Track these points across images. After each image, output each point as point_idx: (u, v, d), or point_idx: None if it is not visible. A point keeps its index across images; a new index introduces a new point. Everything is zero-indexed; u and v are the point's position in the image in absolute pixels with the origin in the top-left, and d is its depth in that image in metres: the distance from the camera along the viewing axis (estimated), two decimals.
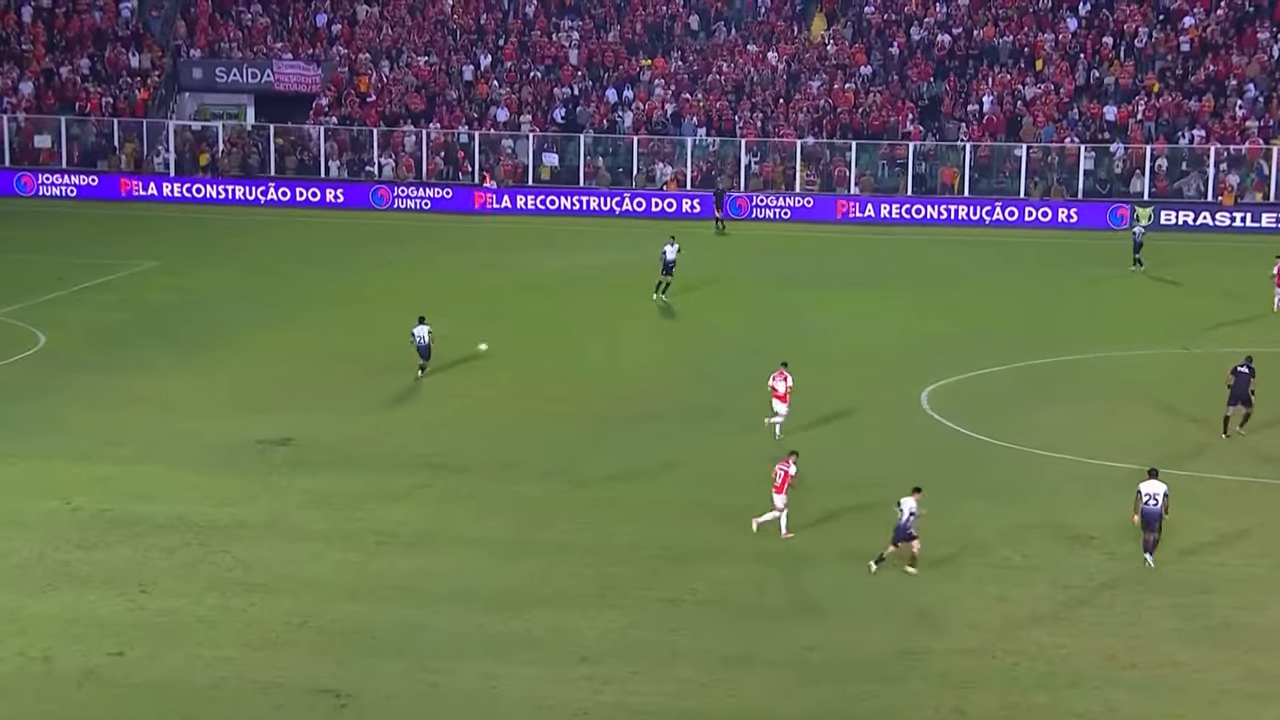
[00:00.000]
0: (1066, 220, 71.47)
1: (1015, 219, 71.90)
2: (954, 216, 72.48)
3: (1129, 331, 49.13)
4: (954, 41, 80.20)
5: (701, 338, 48.58)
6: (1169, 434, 37.66)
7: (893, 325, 50.67)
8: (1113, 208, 71.20)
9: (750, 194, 74.64)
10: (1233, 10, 77.79)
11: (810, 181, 76.37)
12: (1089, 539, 30.32)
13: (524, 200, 75.96)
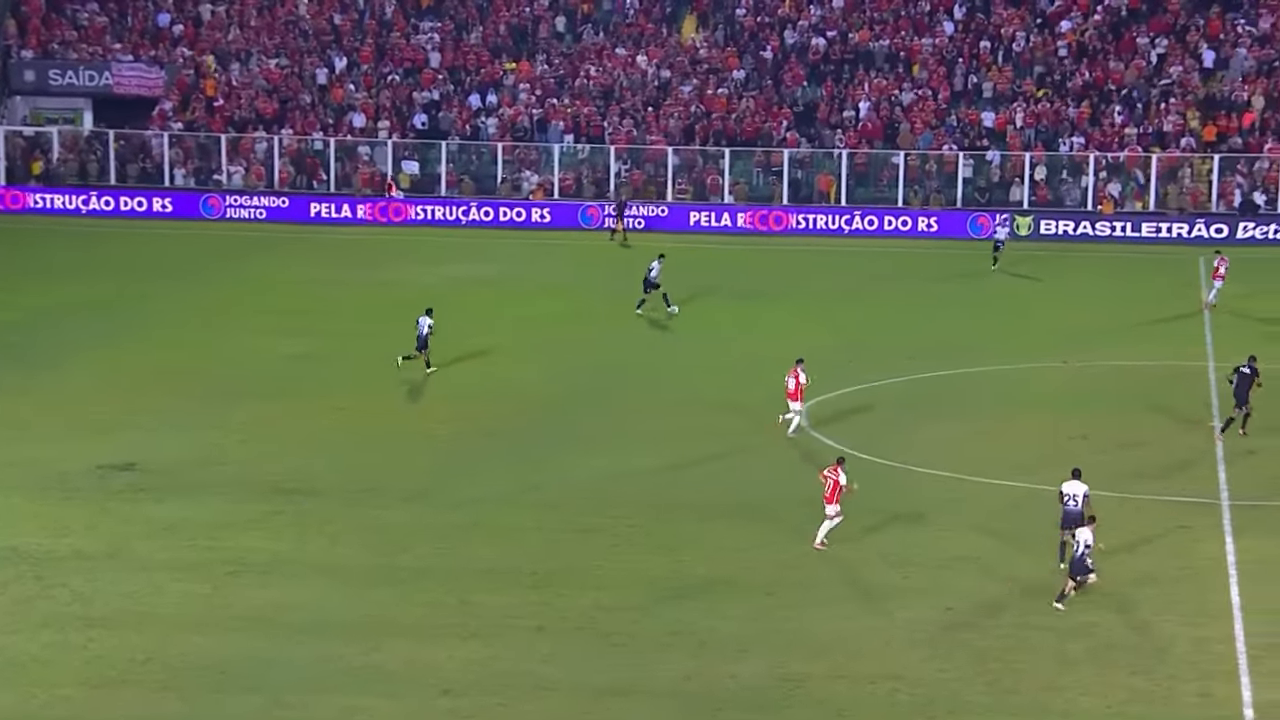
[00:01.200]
0: (927, 229, 72.42)
1: (875, 228, 72.64)
2: (829, 226, 73.15)
3: (1010, 345, 49.87)
4: (829, 45, 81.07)
5: (570, 354, 48.54)
6: (1052, 450, 38.25)
7: (769, 339, 50.96)
8: (972, 216, 72.32)
9: (601, 203, 74.83)
10: (1110, 15, 79.49)
11: (682, 190, 76.72)
12: (970, 559, 30.70)
13: (383, 210, 75.41)
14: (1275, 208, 71.38)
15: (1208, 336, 50.49)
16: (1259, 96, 74.31)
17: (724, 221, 73.92)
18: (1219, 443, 38.76)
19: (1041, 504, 33.89)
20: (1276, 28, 76.94)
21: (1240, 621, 27.43)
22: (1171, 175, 73.18)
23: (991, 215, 70.76)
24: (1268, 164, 72.15)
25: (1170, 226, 70.57)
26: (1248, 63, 75.93)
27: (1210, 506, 33.75)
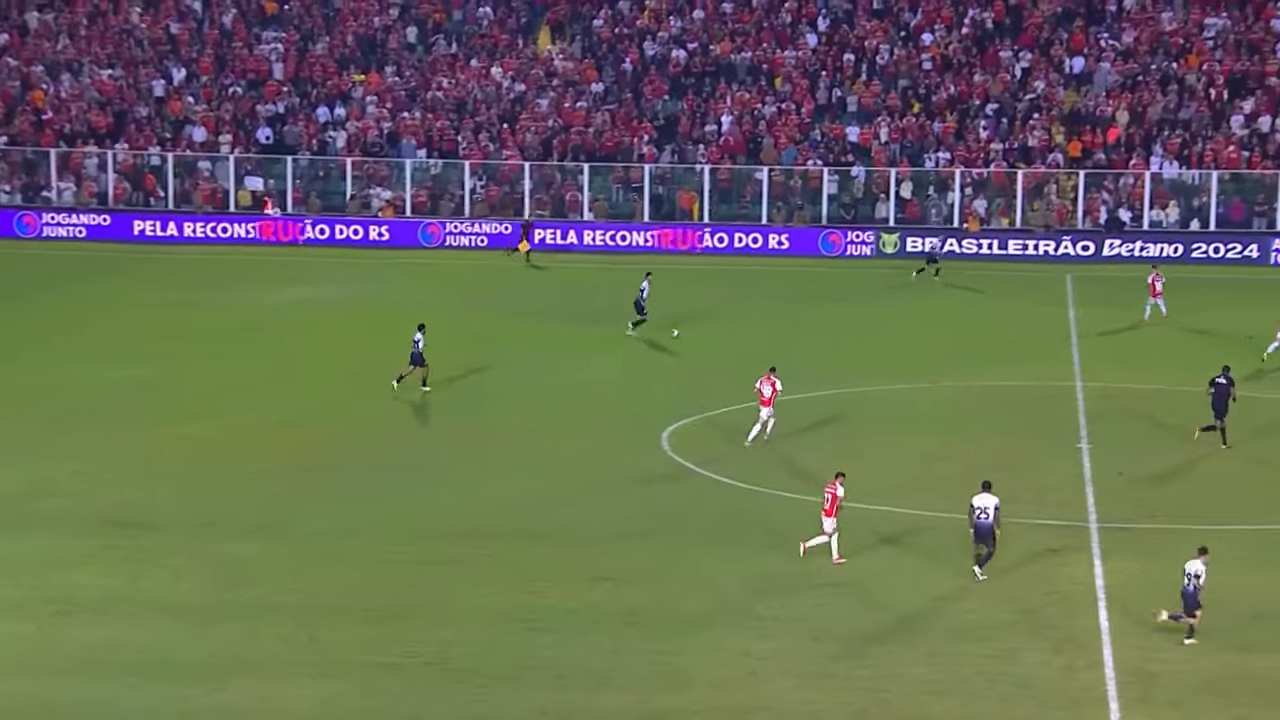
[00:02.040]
0: (777, 247, 73.14)
1: (725, 245, 73.25)
2: (693, 243, 73.66)
3: (875, 366, 50.44)
4: (690, 58, 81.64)
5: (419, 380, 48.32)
6: (918, 474, 38.80)
7: (629, 361, 51.17)
8: (824, 234, 73.21)
9: (443, 221, 74.77)
10: (974, 28, 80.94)
11: (540, 207, 76.79)
12: (839, 586, 31.01)
13: (225, 229, 74.60)
14: (1141, 224, 73.02)
15: (1075, 357, 51.50)
16: (1123, 111, 76.05)
17: (600, 240, 74.14)
18: (1225, 447, 40.13)
19: (908, 528, 34.39)
20: (1140, 42, 78.82)
21: (1109, 647, 27.96)
22: (1038, 191, 74.62)
23: (843, 232, 71.96)
24: (1133, 180, 73.83)
25: (1037, 244, 71.94)
26: (1111, 77, 77.69)
27: (1078, 529, 34.40)
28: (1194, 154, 74.05)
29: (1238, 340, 53.78)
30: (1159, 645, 28.04)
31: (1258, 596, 30.35)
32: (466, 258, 71.91)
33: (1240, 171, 73.29)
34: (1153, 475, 38.30)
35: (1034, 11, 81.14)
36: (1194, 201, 73.46)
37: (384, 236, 74.31)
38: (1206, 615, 28.68)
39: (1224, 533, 34.11)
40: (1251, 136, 74.31)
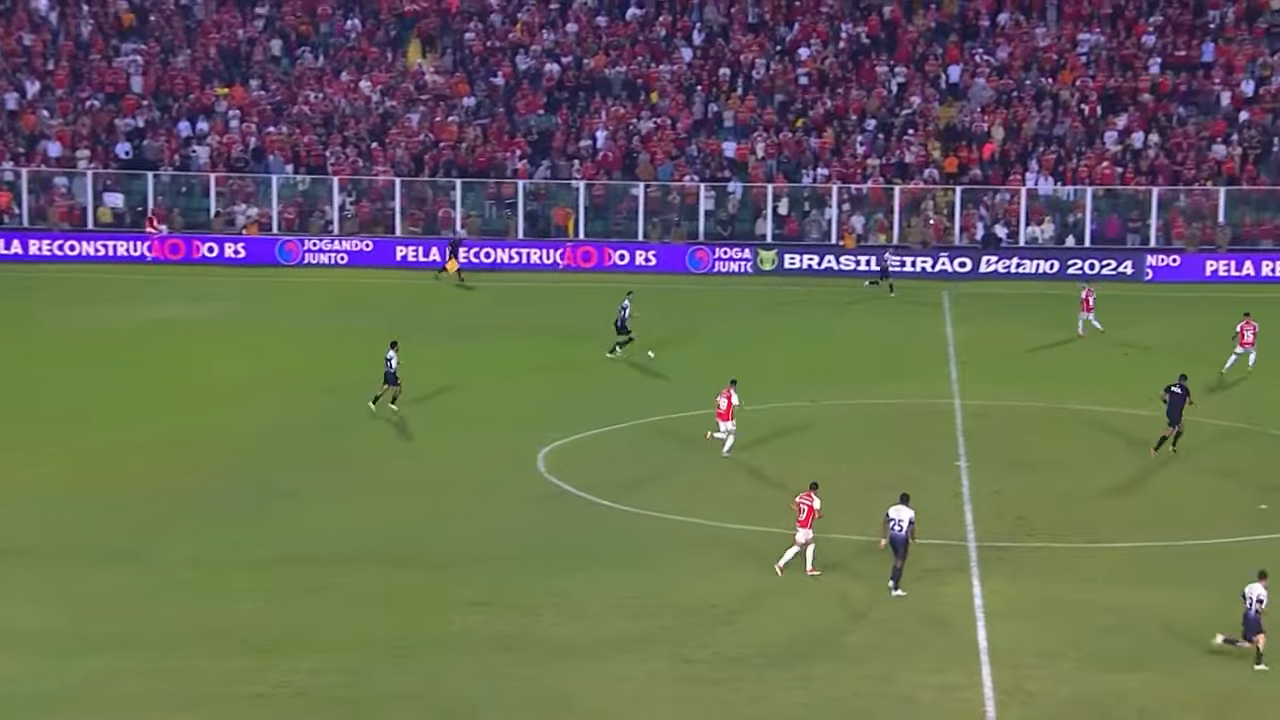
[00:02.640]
0: (645, 264, 73.51)
1: (593, 263, 73.50)
2: (569, 260, 73.88)
3: (751, 384, 50.64)
4: (563, 72, 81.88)
5: (291, 402, 48.06)
6: (798, 491, 39.09)
7: (503, 381, 51.15)
8: (691, 250, 73.71)
9: (301, 238, 74.45)
10: (850, 43, 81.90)
11: (413, 222, 76.60)
12: (711, 608, 31.22)
13: (81, 247, 73.65)
14: (1017, 241, 74.22)
15: (953, 374, 52.22)
16: (998, 127, 77.29)
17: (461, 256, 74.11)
18: (1154, 455, 41.31)
19: (782, 548, 34.68)
20: (1014, 58, 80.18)
21: (987, 666, 28.38)
22: (915, 208, 75.60)
23: (710, 249, 72.65)
24: (1009, 196, 75.03)
25: (914, 260, 72.88)
26: (986, 93, 78.95)
27: (957, 549, 34.87)
28: (1069, 170, 75.43)
29: (1114, 355, 54.87)
30: (1036, 664, 28.50)
31: (1131, 613, 30.92)
32: (327, 275, 71.60)
33: (1114, 187, 74.76)
34: (1030, 493, 38.90)
35: (909, 27, 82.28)
36: (1069, 218, 74.78)
37: (240, 254, 73.73)
38: (1082, 632, 29.24)
39: (1101, 550, 34.78)
40: (1125, 152, 75.82)
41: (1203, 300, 65.12)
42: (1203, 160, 74.90)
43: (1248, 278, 70.45)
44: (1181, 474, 40.69)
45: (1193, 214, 73.96)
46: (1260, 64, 78.25)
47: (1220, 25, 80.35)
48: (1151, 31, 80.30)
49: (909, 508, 31.92)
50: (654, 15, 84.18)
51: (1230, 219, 73.23)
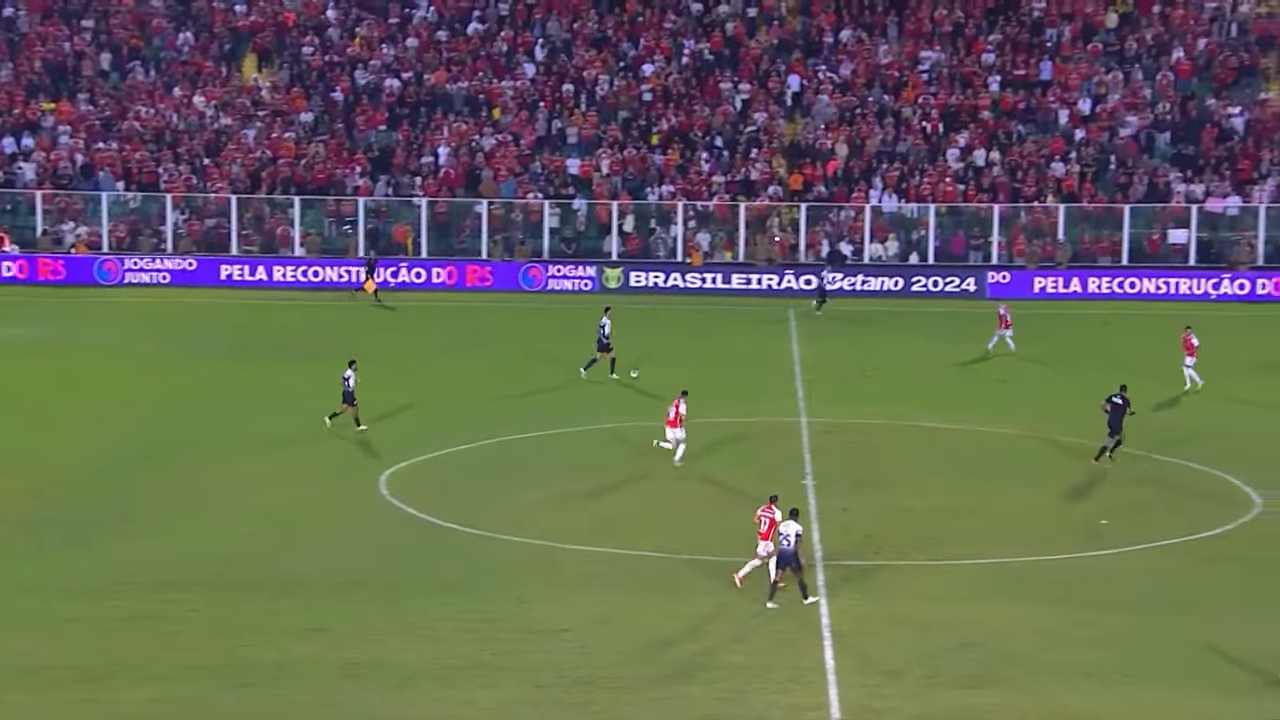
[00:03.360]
0: (479, 283, 73.37)
1: (425, 280, 73.15)
2: (403, 279, 73.48)
3: (599, 405, 50.82)
4: (404, 87, 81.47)
5: (124, 424, 47.32)
6: (641, 514, 39.21)
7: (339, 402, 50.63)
8: (524, 268, 73.67)
9: (121, 257, 73.41)
10: (694, 59, 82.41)
11: (250, 241, 75.74)
12: (561, 631, 31.14)
13: None
14: (862, 258, 75.07)
15: (799, 391, 52.61)
16: (842, 144, 78.17)
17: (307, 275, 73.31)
18: (1095, 463, 42.56)
19: (634, 570, 34.71)
20: (857, 74, 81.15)
21: (834, 686, 28.57)
22: (760, 225, 76.18)
23: (544, 266, 73.21)
24: (853, 213, 75.89)
25: (760, 277, 73.42)
26: (830, 110, 79.82)
27: (805, 567, 35.04)
28: (911, 187, 76.48)
29: (952, 371, 55.60)
30: (882, 683, 28.74)
31: (978, 630, 31.32)
32: (150, 295, 70.52)
33: (957, 204, 75.91)
34: (878, 511, 39.27)
35: (752, 44, 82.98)
36: (913, 235, 75.81)
37: (59, 274, 72.41)
38: (928, 650, 29.61)
39: (948, 568, 35.19)
40: (967, 170, 77.04)
41: (1035, 316, 66.05)
42: (1042, 178, 76.32)
43: (1075, 295, 71.61)
44: (1026, 490, 41.30)
45: (1033, 231, 75.30)
46: (1096, 82, 79.93)
47: (1057, 44, 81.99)
48: (991, 50, 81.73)
49: (797, 522, 32.36)
50: (496, 30, 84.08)
51: (1070, 236, 74.65)
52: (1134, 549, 35.78)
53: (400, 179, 77.58)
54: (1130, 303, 71.13)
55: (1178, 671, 29.28)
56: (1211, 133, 77.17)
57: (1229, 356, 58.03)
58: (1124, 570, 34.78)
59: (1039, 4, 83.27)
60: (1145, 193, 75.32)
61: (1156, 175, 75.73)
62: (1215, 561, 35.70)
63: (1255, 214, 74.30)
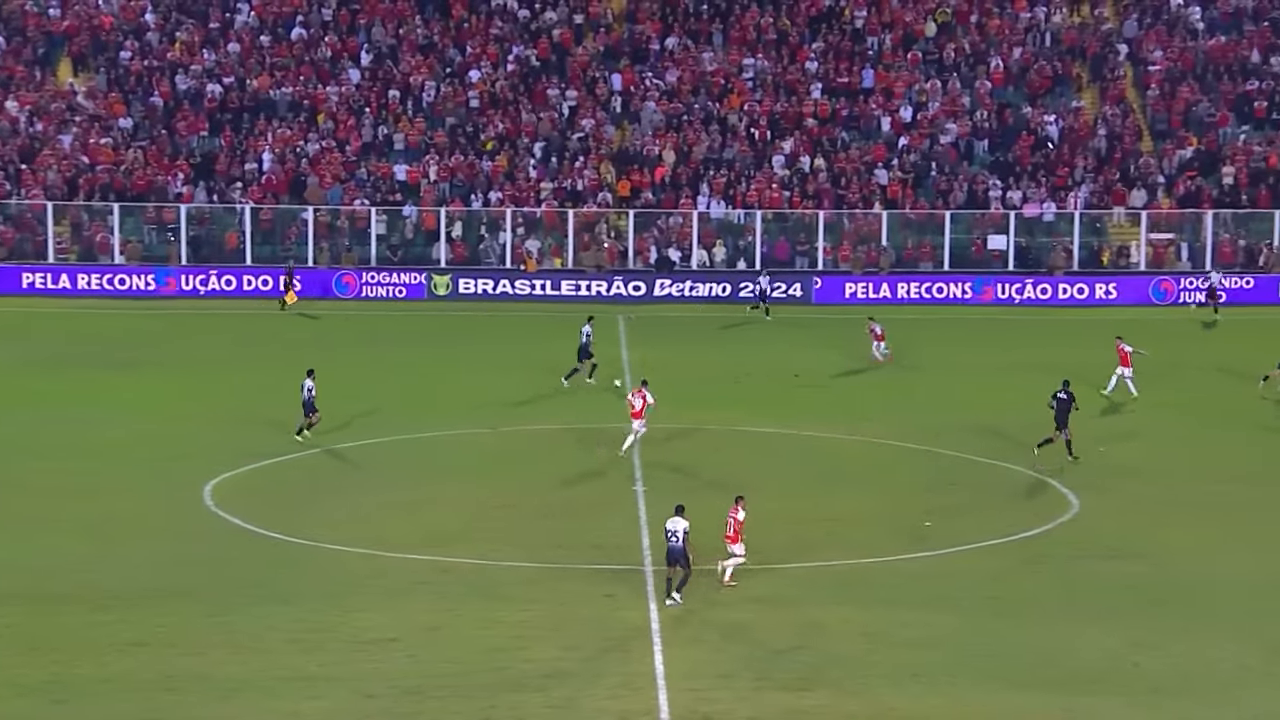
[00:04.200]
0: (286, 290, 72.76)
1: (234, 288, 72.24)
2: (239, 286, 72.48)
3: (427, 411, 50.48)
4: (226, 92, 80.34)
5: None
6: (472, 521, 38.99)
7: (163, 412, 49.79)
8: (337, 275, 72.95)
9: None
10: (520, 65, 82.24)
11: (63, 250, 74.20)
12: (390, 641, 30.83)
13: None
14: (690, 264, 75.40)
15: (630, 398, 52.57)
16: (669, 151, 78.49)
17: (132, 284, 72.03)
18: (1038, 453, 43.65)
19: (465, 578, 34.50)
20: (683, 81, 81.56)
21: (663, 691, 28.58)
22: (589, 231, 76.21)
23: (358, 274, 72.66)
24: (681, 220, 76.22)
25: (589, 284, 73.45)
26: (657, 116, 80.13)
27: (635, 573, 35.08)
28: (738, 193, 77.01)
29: (785, 376, 56.05)
30: (712, 687, 28.82)
31: (807, 633, 31.53)
32: None
33: (783, 210, 76.57)
34: (708, 515, 39.25)
35: (579, 50, 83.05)
36: (740, 241, 76.32)
37: None
38: (757, 653, 29.79)
39: (777, 571, 35.37)
40: (792, 176, 77.75)
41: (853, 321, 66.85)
42: (866, 184, 77.24)
43: (885, 299, 72.34)
44: (853, 494, 41.68)
45: (858, 237, 76.18)
46: (916, 90, 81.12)
47: (879, 53, 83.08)
48: (814, 58, 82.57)
49: (684, 519, 32.62)
50: (320, 36, 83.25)
51: (893, 242, 75.65)
52: (957, 550, 36.26)
53: (223, 185, 76.44)
54: (951, 307, 72.20)
55: (1000, 671, 29.71)
56: (1027, 140, 78.67)
57: (1053, 361, 59.19)
58: (948, 572, 35.24)
59: (860, 13, 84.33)
60: (965, 199, 76.57)
61: (975, 182, 77.01)
62: (1035, 562, 36.32)
63: (1070, 219, 75.85)
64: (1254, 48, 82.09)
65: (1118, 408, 51.60)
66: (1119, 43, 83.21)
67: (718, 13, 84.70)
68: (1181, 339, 63.62)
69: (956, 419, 49.17)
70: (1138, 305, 71.50)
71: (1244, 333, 64.89)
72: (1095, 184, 76.89)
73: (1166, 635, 31.41)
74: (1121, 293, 72.79)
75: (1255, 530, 38.63)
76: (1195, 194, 76.19)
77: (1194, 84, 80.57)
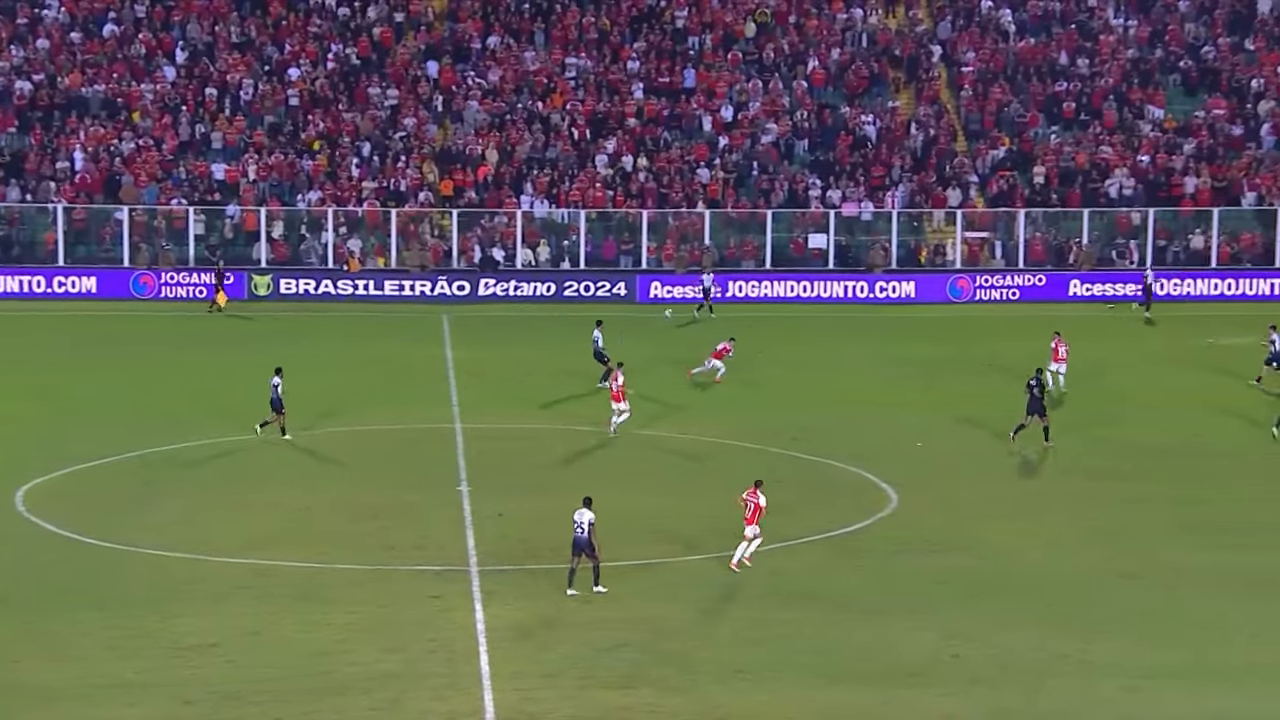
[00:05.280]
0: (86, 291, 71.26)
1: (43, 290, 70.93)
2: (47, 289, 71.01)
3: (240, 415, 49.68)
4: (36, 90, 78.53)
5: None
6: (292, 522, 38.55)
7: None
8: (135, 275, 71.70)
9: None
10: (340, 64, 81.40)
11: None
12: (210, 646, 30.37)
13: None
14: (514, 264, 75.24)
15: (453, 397, 52.42)
16: (492, 150, 78.24)
17: None
18: (1012, 443, 45.73)
19: (282, 582, 34.12)
20: (505, 80, 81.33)
21: (490, 691, 28.48)
22: (412, 231, 75.69)
23: (155, 275, 71.21)
24: (505, 219, 76.00)
25: (413, 284, 72.95)
26: (480, 115, 79.82)
27: (460, 574, 34.93)
28: (562, 193, 76.97)
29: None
30: (538, 686, 28.79)
31: (633, 630, 31.61)
32: None
33: (607, 210, 76.69)
34: (534, 516, 39.29)
35: (400, 48, 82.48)
36: (564, 240, 76.29)
37: None
38: (583, 652, 29.82)
39: (603, 569, 35.37)
40: (615, 175, 77.90)
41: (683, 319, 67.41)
42: (688, 184, 77.64)
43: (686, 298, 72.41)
44: (679, 491, 41.85)
45: (681, 236, 76.55)
46: (737, 90, 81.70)
47: (700, 53, 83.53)
48: (636, 57, 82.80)
49: (590, 510, 33.18)
50: (133, 33, 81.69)
51: (716, 241, 76.13)
52: (779, 546, 36.54)
53: (34, 184, 74.74)
54: (773, 305, 72.83)
55: (822, 666, 30.02)
56: (846, 140, 79.60)
57: (868, 356, 60.08)
58: (771, 567, 35.51)
59: (681, 13, 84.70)
60: (786, 198, 77.28)
61: (795, 181, 77.76)
62: (855, 557, 36.76)
63: (889, 218, 76.89)
64: (1062, 50, 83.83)
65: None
66: (933, 44, 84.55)
67: (539, 12, 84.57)
68: (979, 337, 64.10)
69: (785, 418, 49.56)
70: (936, 303, 72.29)
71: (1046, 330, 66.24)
72: (912, 183, 78.03)
73: (984, 627, 31.97)
74: (920, 291, 73.52)
75: (1070, 524, 39.46)
76: (1008, 193, 77.65)
77: (1005, 85, 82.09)
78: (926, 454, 45.73)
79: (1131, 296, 71.41)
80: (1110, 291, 73.55)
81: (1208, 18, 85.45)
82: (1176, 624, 32.43)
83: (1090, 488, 42.74)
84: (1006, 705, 28.45)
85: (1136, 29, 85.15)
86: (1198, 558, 36.72)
